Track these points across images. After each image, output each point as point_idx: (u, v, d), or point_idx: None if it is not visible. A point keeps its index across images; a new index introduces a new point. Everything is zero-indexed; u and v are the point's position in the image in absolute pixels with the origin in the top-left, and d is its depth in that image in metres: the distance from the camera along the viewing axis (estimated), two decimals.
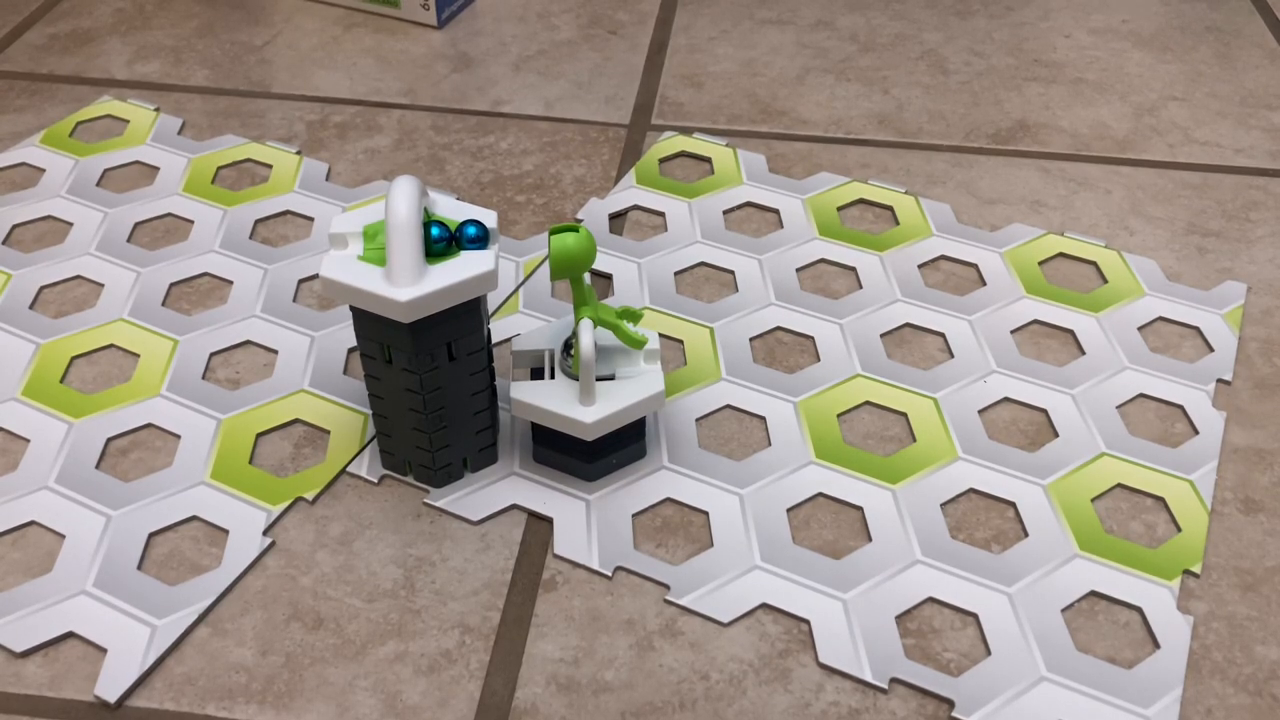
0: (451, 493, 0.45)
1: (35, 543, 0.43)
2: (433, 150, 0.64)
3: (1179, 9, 0.80)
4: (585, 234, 0.40)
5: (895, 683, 0.39)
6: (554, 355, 0.44)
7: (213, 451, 0.46)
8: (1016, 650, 0.40)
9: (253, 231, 0.58)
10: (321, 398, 0.49)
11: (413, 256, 0.38)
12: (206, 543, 0.43)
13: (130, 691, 0.38)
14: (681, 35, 0.76)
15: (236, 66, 0.71)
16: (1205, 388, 0.50)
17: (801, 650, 0.40)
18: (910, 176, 0.63)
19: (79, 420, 0.47)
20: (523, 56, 0.73)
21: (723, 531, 0.44)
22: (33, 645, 0.39)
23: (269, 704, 0.38)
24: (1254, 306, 0.55)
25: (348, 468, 0.46)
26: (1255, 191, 0.62)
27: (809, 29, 0.77)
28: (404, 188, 0.38)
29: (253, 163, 0.63)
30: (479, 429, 0.44)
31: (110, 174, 0.62)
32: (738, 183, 0.62)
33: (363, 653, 0.40)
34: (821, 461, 0.46)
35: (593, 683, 0.39)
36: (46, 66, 0.71)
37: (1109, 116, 0.68)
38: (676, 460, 0.46)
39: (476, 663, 0.39)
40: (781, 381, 0.50)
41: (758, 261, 0.56)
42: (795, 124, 0.67)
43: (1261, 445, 0.48)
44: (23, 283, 0.54)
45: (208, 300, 0.54)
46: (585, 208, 0.60)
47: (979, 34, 0.77)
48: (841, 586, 0.42)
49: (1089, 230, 0.59)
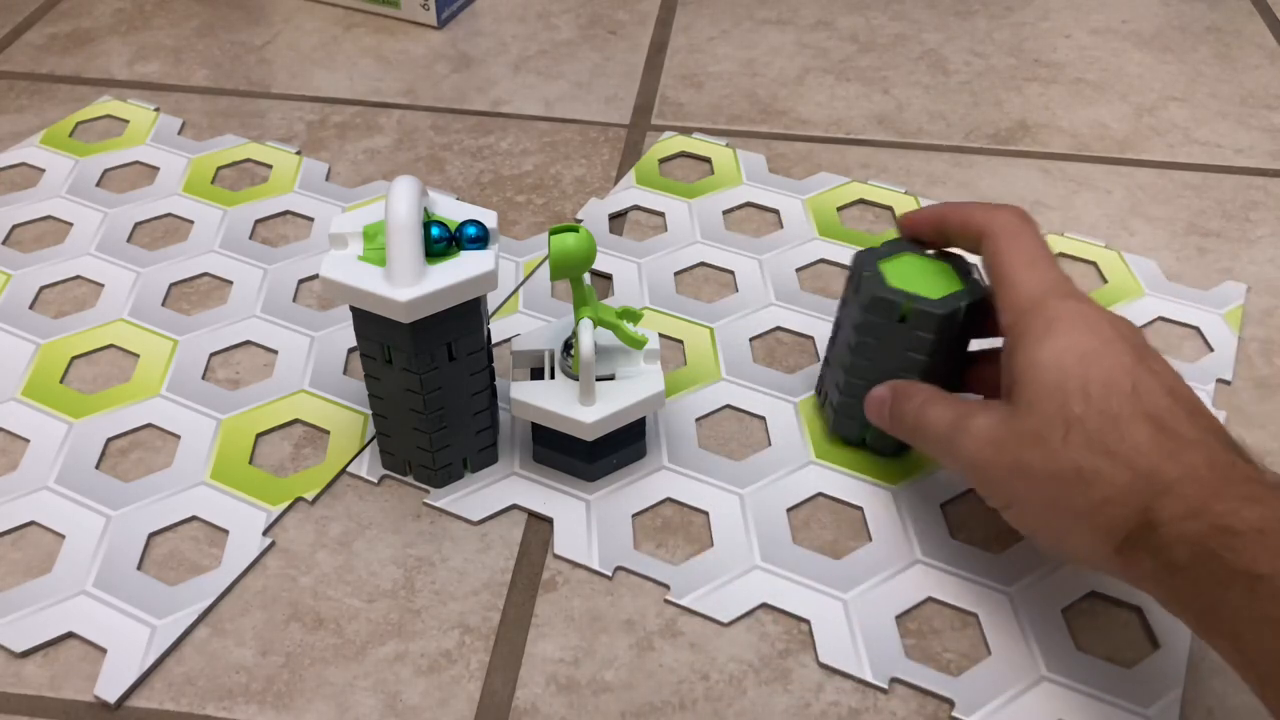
0: (451, 493, 0.45)
1: (35, 543, 0.43)
2: (433, 150, 0.64)
3: (1179, 9, 0.80)
4: (585, 234, 0.40)
5: (895, 682, 0.39)
6: (554, 355, 0.44)
7: (213, 451, 0.46)
8: (1016, 650, 0.40)
9: (253, 231, 0.58)
10: (321, 398, 0.49)
11: (413, 256, 0.38)
12: (206, 543, 0.43)
13: (130, 692, 0.38)
14: (681, 35, 0.76)
15: (236, 66, 0.71)
16: (1205, 388, 0.50)
17: (802, 650, 0.40)
18: (910, 176, 0.63)
19: (79, 420, 0.47)
20: (523, 56, 0.73)
21: (723, 531, 0.44)
22: (33, 645, 0.39)
23: (269, 704, 0.38)
24: (1254, 306, 0.55)
25: (348, 468, 0.46)
26: (1255, 191, 0.62)
27: (809, 29, 0.77)
28: (404, 188, 0.38)
29: (253, 163, 0.63)
30: (479, 429, 0.44)
31: (110, 174, 0.62)
32: (738, 183, 0.62)
33: (363, 653, 0.40)
34: (821, 461, 0.46)
35: (593, 683, 0.39)
36: (46, 66, 0.71)
37: (1109, 116, 0.68)
38: (676, 460, 0.46)
39: (476, 663, 0.39)
40: (781, 381, 0.50)
41: (758, 261, 0.56)
42: (795, 124, 0.67)
43: (1262, 445, 0.48)
44: (23, 283, 0.54)
45: (208, 300, 0.54)
46: (585, 208, 0.60)
47: (979, 34, 0.77)
48: (841, 586, 0.42)
49: (1089, 230, 0.59)
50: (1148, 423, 0.34)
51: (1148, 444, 0.34)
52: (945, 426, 0.39)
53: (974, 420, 0.38)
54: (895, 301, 0.41)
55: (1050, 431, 0.35)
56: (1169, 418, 0.34)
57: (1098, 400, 0.35)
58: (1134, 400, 0.34)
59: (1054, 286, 0.38)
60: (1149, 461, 0.33)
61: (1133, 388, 0.35)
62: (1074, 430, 0.34)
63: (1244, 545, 0.31)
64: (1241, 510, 0.31)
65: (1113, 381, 0.35)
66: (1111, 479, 0.34)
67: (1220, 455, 0.33)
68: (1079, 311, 0.37)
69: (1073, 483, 0.34)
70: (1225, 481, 0.32)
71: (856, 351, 0.43)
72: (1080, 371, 0.35)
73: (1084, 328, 0.36)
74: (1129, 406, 0.34)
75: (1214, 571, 0.31)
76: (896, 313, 0.41)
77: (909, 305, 0.41)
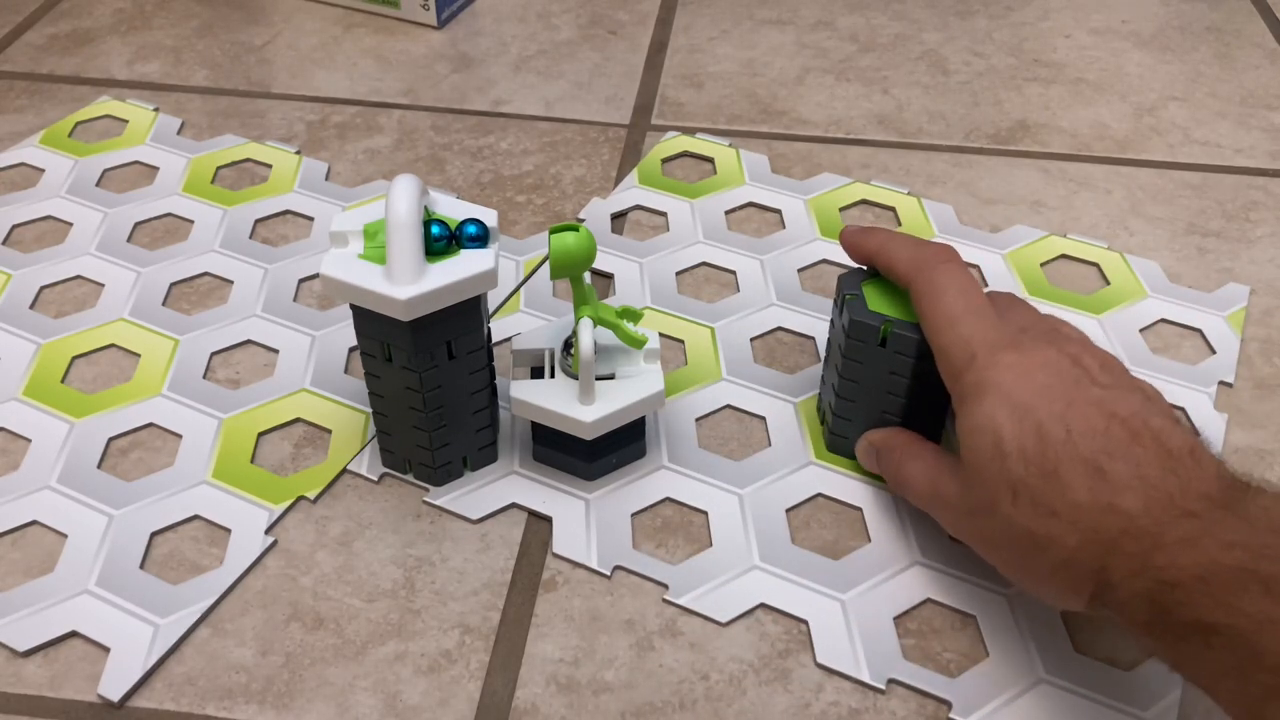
0: (451, 491, 0.45)
1: (37, 542, 0.43)
2: (433, 150, 0.64)
3: (1179, 9, 0.80)
4: (585, 233, 0.40)
5: (893, 683, 0.39)
6: (554, 354, 0.44)
7: (214, 451, 0.46)
8: (1015, 652, 0.40)
9: (253, 231, 0.58)
10: (322, 397, 0.49)
11: (413, 255, 0.38)
12: (208, 542, 0.43)
13: (132, 691, 0.38)
14: (681, 35, 0.76)
15: (236, 66, 0.71)
16: (1207, 390, 0.50)
17: (801, 650, 0.40)
18: (910, 176, 0.63)
19: (80, 420, 0.47)
20: (523, 56, 0.73)
21: (722, 531, 0.44)
22: (35, 645, 0.39)
23: (269, 704, 0.38)
24: (1254, 306, 0.55)
25: (348, 466, 0.46)
26: (1255, 191, 0.62)
27: (809, 29, 0.77)
28: (404, 186, 0.38)
29: (252, 163, 0.63)
30: (479, 428, 0.44)
31: (110, 174, 0.62)
32: (740, 183, 0.62)
33: (363, 653, 0.40)
34: (821, 461, 0.46)
35: (593, 683, 0.39)
36: (46, 66, 0.71)
37: (1109, 117, 0.68)
38: (676, 460, 0.46)
39: (476, 663, 0.39)
40: (782, 382, 0.50)
41: (759, 262, 0.56)
42: (795, 124, 0.67)
43: (1262, 445, 0.48)
44: (23, 283, 0.54)
45: (208, 300, 0.54)
46: (587, 207, 0.60)
47: (979, 34, 0.77)
48: (840, 587, 0.42)
49: (1089, 230, 0.59)
50: (1085, 471, 0.33)
51: (1086, 498, 0.33)
52: (921, 490, 0.40)
53: (944, 486, 0.38)
54: (875, 326, 0.41)
55: (998, 498, 0.35)
56: (1104, 458, 0.33)
57: (1034, 458, 0.34)
58: (1069, 447, 0.33)
59: (981, 343, 0.37)
60: (1090, 519, 0.33)
61: (1067, 433, 0.34)
62: (1020, 494, 0.34)
63: (1189, 598, 0.30)
64: (1179, 559, 0.30)
65: (1046, 433, 0.34)
66: (1062, 541, 0.33)
67: (1157, 489, 0.32)
68: (1008, 364, 0.36)
69: (1029, 548, 0.34)
70: (1161, 524, 0.31)
71: (844, 373, 0.43)
72: (1014, 429, 0.34)
73: (1014, 381, 0.35)
74: (1065, 456, 0.33)
75: (1170, 626, 0.31)
76: (877, 337, 0.42)
77: (888, 329, 0.41)
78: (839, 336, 0.44)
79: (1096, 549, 0.33)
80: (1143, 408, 0.35)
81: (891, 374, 0.42)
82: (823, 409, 0.47)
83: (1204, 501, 0.32)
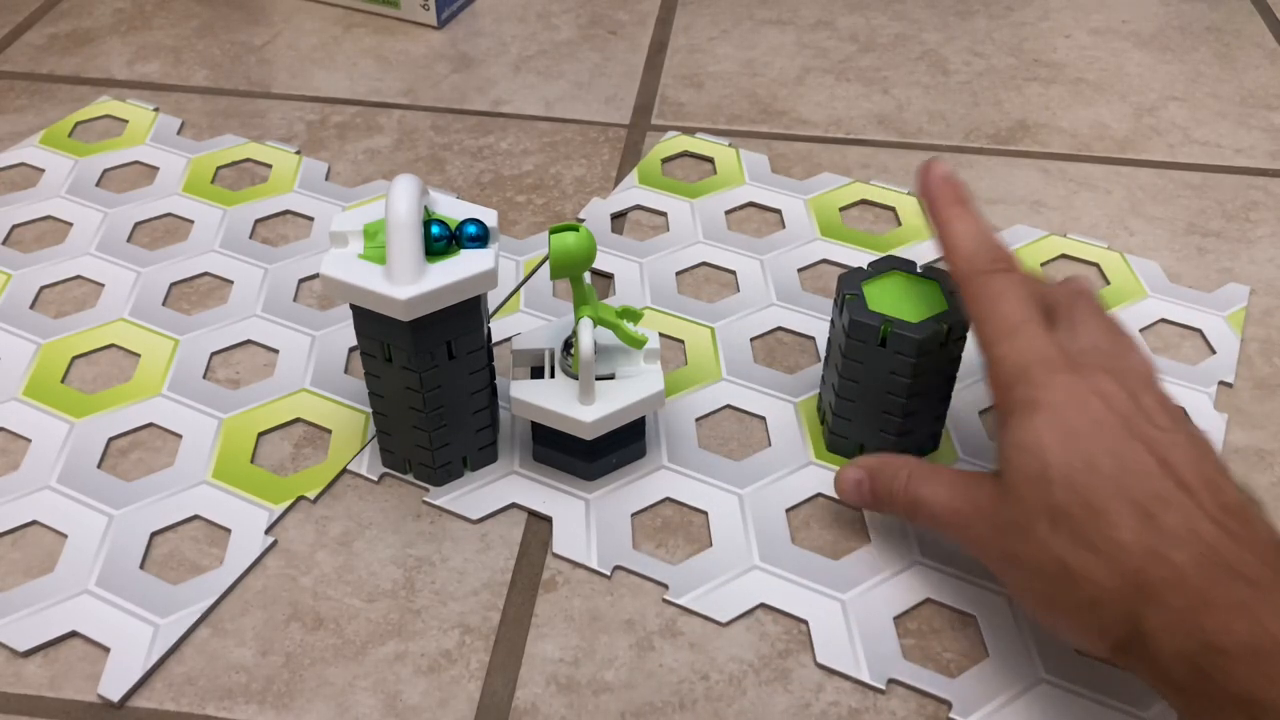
0: (451, 491, 0.45)
1: (37, 542, 0.43)
2: (433, 150, 0.64)
3: (1179, 9, 0.80)
4: (585, 233, 0.40)
5: (893, 683, 0.39)
6: (554, 354, 0.44)
7: (214, 451, 0.46)
8: (1015, 652, 0.40)
9: (253, 231, 0.58)
10: (323, 397, 0.49)
11: (413, 255, 0.38)
12: (208, 542, 0.43)
13: (132, 691, 0.38)
14: (681, 35, 0.76)
15: (236, 66, 0.71)
16: (1207, 390, 0.50)
17: (801, 650, 0.40)
18: (910, 176, 0.63)
19: (80, 420, 0.47)
20: (523, 56, 0.73)
21: (722, 531, 0.44)
22: (35, 645, 0.39)
23: (269, 704, 0.38)
24: (1254, 306, 0.55)
25: (348, 466, 0.46)
26: (1255, 191, 0.62)
27: (809, 29, 0.77)
28: (404, 186, 0.38)
29: (252, 163, 0.63)
30: (479, 428, 0.44)
31: (110, 174, 0.62)
32: (740, 183, 0.62)
33: (363, 653, 0.40)
34: (821, 461, 0.46)
35: (593, 683, 0.39)
36: (46, 66, 0.71)
37: (1109, 117, 0.68)
38: (676, 460, 0.46)
39: (476, 663, 0.39)
40: (782, 381, 0.50)
41: (759, 262, 0.56)
42: (795, 124, 0.67)
43: (1262, 445, 0.48)
44: (23, 283, 0.54)
45: (208, 300, 0.54)
46: (587, 207, 0.60)
47: (979, 34, 0.77)
48: (840, 587, 0.42)
49: (1089, 230, 0.59)
50: (1134, 513, 0.32)
51: (1132, 541, 0.31)
52: (942, 509, 0.38)
53: (974, 501, 0.37)
54: (874, 326, 0.41)
55: (1035, 522, 0.33)
56: (1157, 503, 0.32)
57: (1081, 489, 0.32)
58: (1119, 486, 0.32)
59: (1037, 359, 0.35)
60: (1133, 562, 0.31)
61: (1119, 470, 0.32)
62: (1059, 522, 0.33)
63: (1237, 668, 0.29)
64: (1233, 625, 0.29)
65: (1097, 466, 0.33)
66: (1098, 580, 0.32)
67: (1210, 547, 0.31)
68: (1065, 386, 0.34)
69: (1060, 579, 0.33)
70: (1214, 584, 0.30)
71: (844, 373, 0.43)
72: (1063, 456, 0.33)
73: (1070, 405, 0.34)
74: (1114, 494, 0.32)
75: (1210, 694, 0.29)
76: (876, 337, 0.42)
77: (887, 329, 0.41)
78: (839, 336, 0.44)
79: (1134, 595, 0.31)
80: (1199, 458, 0.33)
81: (891, 374, 0.42)
82: (823, 409, 0.47)
83: (1260, 568, 0.30)
